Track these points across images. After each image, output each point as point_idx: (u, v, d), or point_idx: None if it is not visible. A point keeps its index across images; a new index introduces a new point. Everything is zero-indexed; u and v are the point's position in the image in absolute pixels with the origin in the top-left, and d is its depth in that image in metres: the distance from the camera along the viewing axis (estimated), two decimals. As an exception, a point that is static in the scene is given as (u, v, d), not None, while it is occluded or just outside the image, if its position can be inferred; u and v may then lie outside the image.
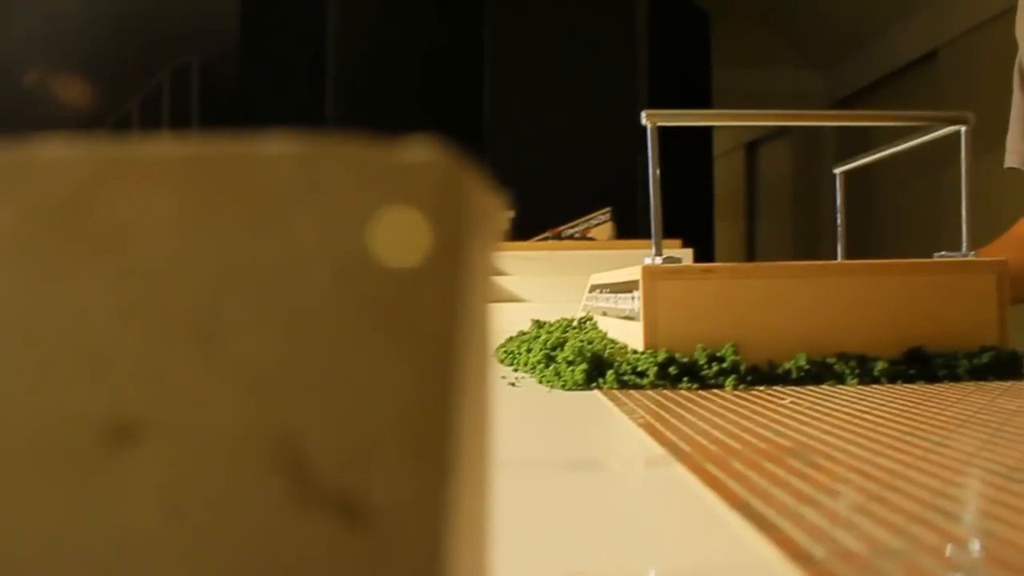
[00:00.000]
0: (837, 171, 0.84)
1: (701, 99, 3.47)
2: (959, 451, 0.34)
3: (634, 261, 0.62)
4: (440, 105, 3.16)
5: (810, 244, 4.11)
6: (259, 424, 0.11)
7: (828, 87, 4.34)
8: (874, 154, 0.77)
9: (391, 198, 0.11)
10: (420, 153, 0.11)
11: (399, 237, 0.11)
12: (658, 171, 0.59)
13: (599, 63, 3.18)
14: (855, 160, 0.79)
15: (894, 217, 3.78)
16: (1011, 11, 3.00)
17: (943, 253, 0.64)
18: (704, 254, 3.36)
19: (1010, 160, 1.08)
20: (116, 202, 0.11)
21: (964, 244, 0.64)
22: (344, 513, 0.11)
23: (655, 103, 3.13)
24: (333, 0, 3.04)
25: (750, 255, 4.94)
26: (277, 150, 0.11)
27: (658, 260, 0.58)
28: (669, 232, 1.84)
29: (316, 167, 0.11)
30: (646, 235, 2.11)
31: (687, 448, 0.35)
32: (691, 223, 3.30)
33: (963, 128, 0.64)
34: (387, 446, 0.11)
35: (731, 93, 3.89)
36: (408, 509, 0.10)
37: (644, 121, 0.58)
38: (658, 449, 0.35)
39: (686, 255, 1.57)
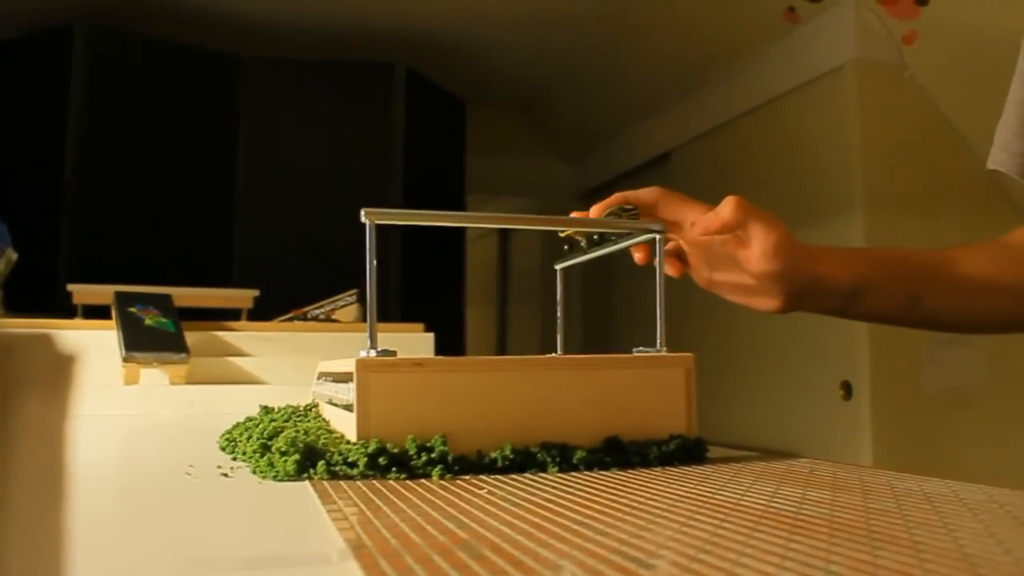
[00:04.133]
0: (558, 267, 0.90)
1: (454, 184, 3.58)
2: (614, 538, 0.37)
3: (379, 344, 0.63)
4: (190, 179, 3.07)
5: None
6: None
7: (576, 179, 4.60)
8: (589, 253, 0.83)
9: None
10: None
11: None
12: (375, 263, 0.61)
13: (353, 144, 3.21)
14: (572, 258, 0.85)
15: (629, 308, 4.03)
16: (736, 120, 3.29)
17: (640, 348, 0.70)
18: (454, 338, 3.42)
19: (996, 161, 0.90)
20: None
21: (659, 340, 0.71)
22: None
23: (409, 186, 3.20)
24: (79, 65, 2.89)
25: (502, 340, 5.08)
26: None
27: (372, 353, 0.60)
28: (416, 316, 1.87)
29: None
30: (394, 318, 2.15)
31: (369, 542, 0.37)
32: (442, 307, 3.36)
33: (658, 236, 0.71)
34: None
35: (485, 179, 4.04)
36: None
37: (363, 219, 0.60)
38: (341, 543, 0.37)
39: (427, 340, 1.61)
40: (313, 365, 1.03)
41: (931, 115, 2.71)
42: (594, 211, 0.80)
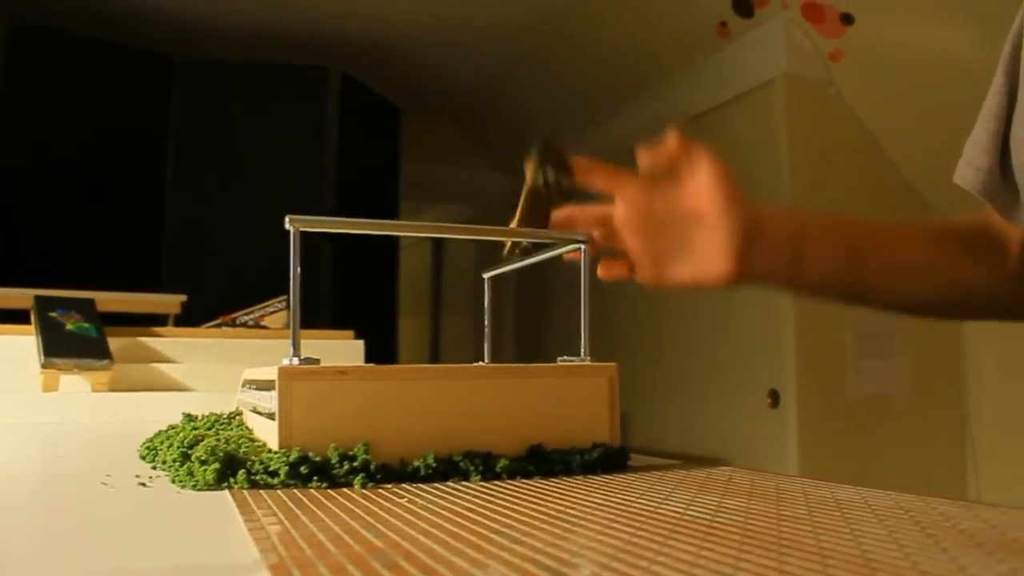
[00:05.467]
0: (486, 276, 0.90)
1: (388, 190, 3.56)
2: (530, 547, 0.38)
3: (306, 351, 0.63)
4: (117, 181, 3.00)
5: (493, 340, 4.29)
6: None
7: (511, 187, 4.61)
8: (515, 263, 0.83)
9: None
10: None
11: None
12: (299, 270, 0.60)
13: (286, 148, 3.18)
14: (499, 267, 0.85)
15: (562, 318, 4.05)
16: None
17: (564, 357, 0.70)
18: (387, 347, 3.40)
19: (960, 176, 0.81)
20: None
21: (583, 349, 0.71)
22: None
23: (342, 192, 3.18)
24: None
25: (434, 349, 5.06)
26: None
27: (295, 361, 0.59)
28: (348, 323, 1.86)
29: None
30: (325, 324, 2.13)
31: (284, 552, 0.36)
32: (374, 315, 3.35)
33: (583, 246, 0.72)
34: None
35: (420, 186, 4.03)
36: None
37: (288, 226, 0.60)
38: (256, 554, 0.36)
39: (357, 347, 1.60)
40: (241, 372, 1.02)
41: (856, 131, 2.78)
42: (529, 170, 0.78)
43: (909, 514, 0.46)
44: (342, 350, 1.56)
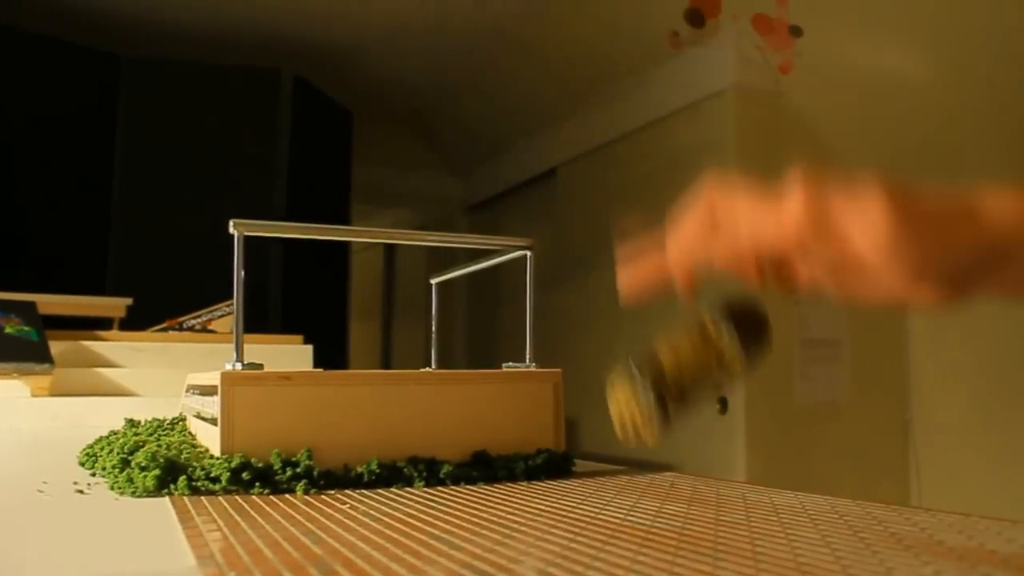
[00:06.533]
0: (433, 281, 0.90)
1: (340, 194, 3.54)
2: (468, 553, 0.38)
3: (253, 356, 0.62)
4: (62, 181, 2.95)
5: (443, 345, 4.28)
6: None
7: (463, 192, 4.61)
8: (462, 269, 0.83)
9: None
10: None
11: None
12: (243, 274, 0.60)
13: (237, 151, 3.15)
14: (447, 273, 0.86)
15: (514, 325, 4.05)
16: (621, 139, 3.36)
17: (509, 364, 0.70)
18: (338, 352, 3.38)
19: None
20: None
21: (528, 355, 0.72)
22: None
23: (293, 195, 3.15)
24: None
25: (386, 352, 5.04)
26: None
27: (238, 366, 0.59)
28: (298, 328, 1.84)
29: None
30: (275, 329, 2.10)
31: (221, 559, 0.36)
32: (325, 319, 3.32)
33: (528, 253, 0.72)
34: None
35: (372, 190, 4.01)
36: None
37: (232, 230, 0.59)
38: (191, 560, 0.36)
39: (306, 352, 1.59)
40: (186, 377, 1.01)
41: (806, 142, 2.82)
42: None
43: (844, 518, 0.47)
44: (290, 355, 1.55)
